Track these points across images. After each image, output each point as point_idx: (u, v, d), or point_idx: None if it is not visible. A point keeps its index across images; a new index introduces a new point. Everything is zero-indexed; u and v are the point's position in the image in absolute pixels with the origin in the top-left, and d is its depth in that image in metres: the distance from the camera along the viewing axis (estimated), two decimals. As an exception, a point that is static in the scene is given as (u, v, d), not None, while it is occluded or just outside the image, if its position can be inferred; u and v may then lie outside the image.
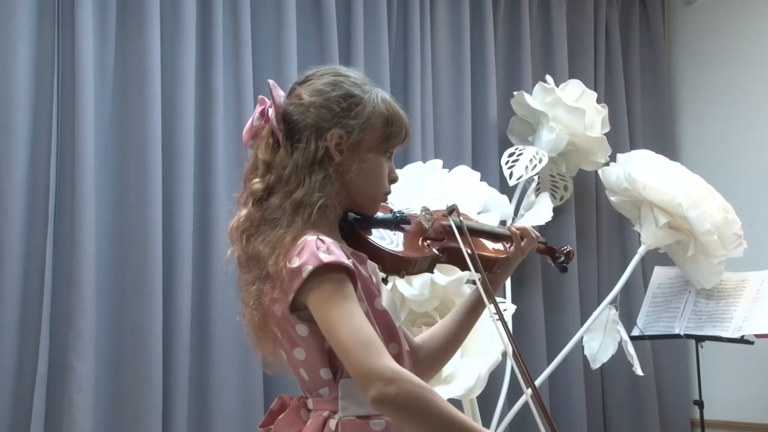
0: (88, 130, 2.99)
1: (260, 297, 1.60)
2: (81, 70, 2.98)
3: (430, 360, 1.86)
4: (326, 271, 1.53)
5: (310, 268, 1.53)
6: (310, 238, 1.57)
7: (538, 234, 1.94)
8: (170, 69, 3.18)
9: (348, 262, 1.56)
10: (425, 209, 1.82)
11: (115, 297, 3.05)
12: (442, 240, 1.80)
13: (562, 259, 1.99)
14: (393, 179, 1.72)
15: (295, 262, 1.55)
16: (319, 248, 1.55)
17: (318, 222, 1.60)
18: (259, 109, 1.69)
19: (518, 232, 1.91)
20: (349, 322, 1.51)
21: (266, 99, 1.70)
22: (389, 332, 1.66)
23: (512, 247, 1.89)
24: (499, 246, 1.90)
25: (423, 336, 1.91)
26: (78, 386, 2.87)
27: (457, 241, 1.78)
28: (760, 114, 4.02)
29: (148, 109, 3.08)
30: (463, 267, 1.83)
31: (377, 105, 1.68)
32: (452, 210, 1.82)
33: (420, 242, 1.76)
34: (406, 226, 1.77)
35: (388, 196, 1.74)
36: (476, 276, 1.76)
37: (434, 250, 1.76)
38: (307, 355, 1.62)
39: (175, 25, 3.21)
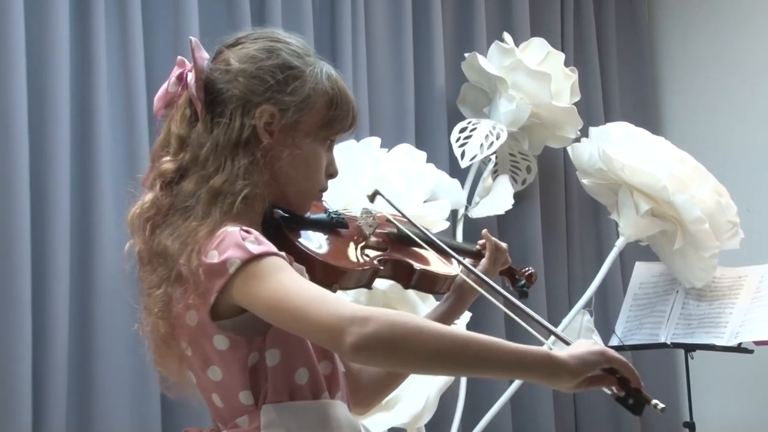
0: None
1: (168, 303, 1.60)
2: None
3: (376, 384, 1.88)
4: (256, 262, 1.54)
5: (237, 262, 1.53)
6: (232, 229, 1.57)
7: (505, 245, 1.98)
8: (37, 28, 3.10)
9: (282, 253, 1.57)
10: (366, 211, 1.84)
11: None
12: (384, 250, 1.82)
13: (523, 282, 2.03)
14: (331, 173, 1.74)
15: (215, 257, 1.55)
16: (246, 238, 1.55)
17: (240, 214, 1.61)
18: (176, 72, 1.70)
19: (489, 239, 1.96)
20: (294, 285, 1.51)
21: (186, 61, 1.71)
22: (322, 347, 1.66)
23: (484, 260, 1.95)
24: (448, 264, 1.93)
25: None
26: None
27: (402, 252, 1.81)
28: (759, 79, 4.07)
29: (10, 77, 3.00)
30: (407, 284, 1.86)
31: (320, 82, 1.69)
32: (374, 195, 1.85)
33: (358, 251, 1.78)
34: (343, 231, 1.79)
35: (323, 193, 1.75)
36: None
37: (375, 261, 1.78)
38: (223, 375, 1.62)
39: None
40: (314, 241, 1.72)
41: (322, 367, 1.66)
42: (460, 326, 3.24)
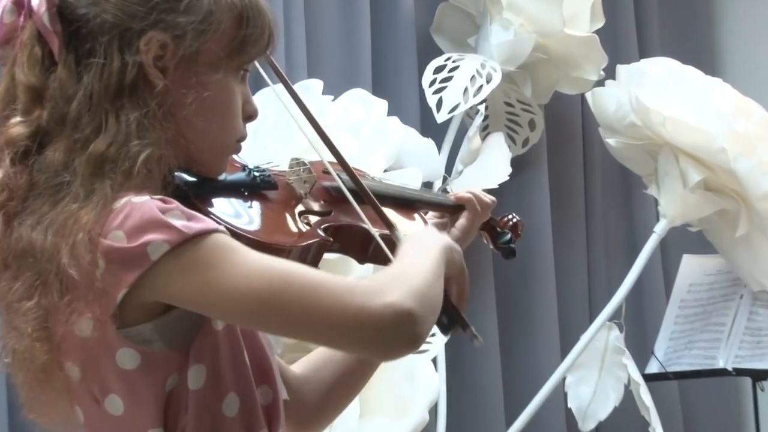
0: None
1: (45, 318, 1.59)
2: None
3: (321, 402, 1.92)
4: (191, 244, 1.55)
5: (164, 247, 1.53)
6: (140, 199, 1.57)
7: (492, 198, 2.02)
8: None
9: (222, 228, 1.61)
10: (297, 162, 1.86)
11: None
12: (328, 213, 1.83)
13: (507, 236, 2.07)
14: (250, 114, 1.75)
15: (121, 239, 1.55)
16: (166, 211, 1.56)
17: (142, 184, 1.61)
18: None
19: (465, 197, 1.99)
20: (283, 267, 1.58)
21: None
22: (260, 367, 1.69)
23: (462, 219, 1.99)
24: (416, 219, 1.98)
25: (308, 363, 1.95)
26: None
27: (352, 212, 1.82)
28: None
29: None
30: (363, 257, 1.89)
31: None
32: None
33: (294, 219, 1.79)
34: (271, 194, 1.80)
35: (241, 144, 1.76)
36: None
37: (319, 230, 1.79)
38: (126, 407, 1.62)
39: None
40: (236, 213, 1.73)
41: (261, 394, 1.69)
42: (436, 346, 3.24)
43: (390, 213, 1.90)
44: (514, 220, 2.08)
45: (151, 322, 1.60)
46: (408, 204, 1.99)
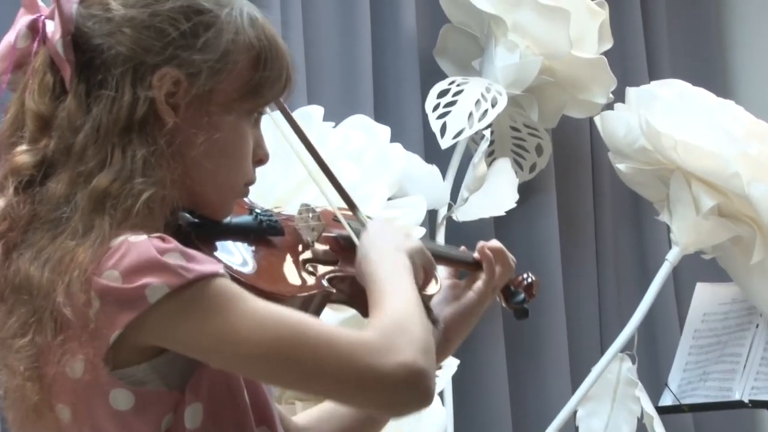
0: None
1: (38, 357, 1.59)
2: None
3: None
4: (192, 288, 1.55)
5: (164, 289, 1.53)
6: (137, 239, 1.56)
7: (514, 260, 2.02)
8: None
9: (222, 270, 1.60)
10: (306, 208, 1.85)
11: None
12: (335, 263, 1.82)
13: (521, 296, 2.06)
14: (260, 158, 1.75)
15: (116, 279, 1.54)
16: (165, 251, 1.55)
17: (141, 224, 1.60)
18: (25, 19, 1.69)
19: (487, 255, 1.98)
20: (290, 319, 1.58)
21: (40, 2, 1.69)
22: (259, 408, 1.69)
23: (479, 282, 1.98)
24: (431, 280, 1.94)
25: (311, 415, 1.96)
26: None
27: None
28: None
29: None
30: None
31: (242, 30, 1.68)
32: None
33: (299, 267, 1.78)
34: (276, 239, 1.79)
35: (250, 188, 1.77)
36: None
37: (323, 281, 1.77)
38: None
39: None
40: (238, 257, 1.72)
41: None
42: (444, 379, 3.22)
43: None
44: (530, 279, 2.08)
45: (146, 363, 1.59)
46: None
